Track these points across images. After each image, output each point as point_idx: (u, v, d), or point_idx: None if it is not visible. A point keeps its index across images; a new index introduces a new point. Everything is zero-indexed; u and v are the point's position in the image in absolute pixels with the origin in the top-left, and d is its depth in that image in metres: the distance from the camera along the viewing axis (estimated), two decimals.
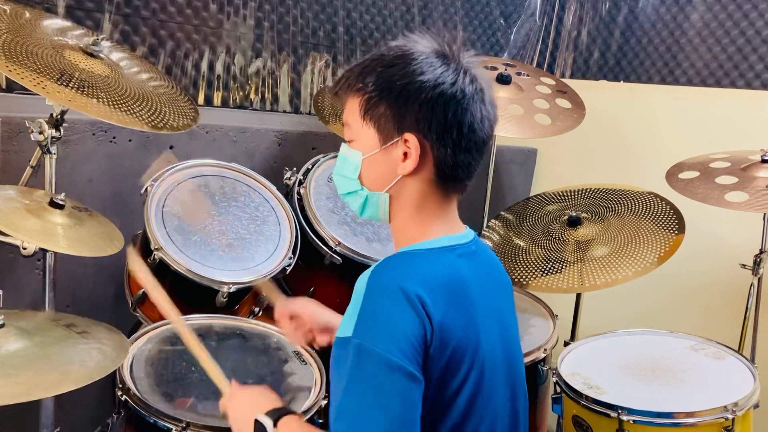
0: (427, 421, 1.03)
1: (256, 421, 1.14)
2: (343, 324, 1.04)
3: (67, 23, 1.92)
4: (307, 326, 1.47)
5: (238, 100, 2.68)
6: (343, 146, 1.19)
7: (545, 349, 2.01)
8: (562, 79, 2.89)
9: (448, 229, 1.16)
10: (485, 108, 1.12)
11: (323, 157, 2.26)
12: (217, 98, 2.63)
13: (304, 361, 1.73)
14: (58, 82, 1.61)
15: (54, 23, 1.87)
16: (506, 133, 2.41)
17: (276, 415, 1.14)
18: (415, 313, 1.00)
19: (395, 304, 1.01)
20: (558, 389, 1.81)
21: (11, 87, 2.12)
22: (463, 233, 1.19)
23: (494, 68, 2.62)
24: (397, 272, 1.06)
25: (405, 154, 1.11)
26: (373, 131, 1.12)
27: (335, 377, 1.04)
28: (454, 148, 1.10)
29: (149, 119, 1.76)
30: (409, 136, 1.09)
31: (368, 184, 1.16)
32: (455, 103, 1.08)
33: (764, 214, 2.09)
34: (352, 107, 1.14)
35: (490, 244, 2.37)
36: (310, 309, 1.49)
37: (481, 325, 1.10)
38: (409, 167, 1.11)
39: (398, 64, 1.10)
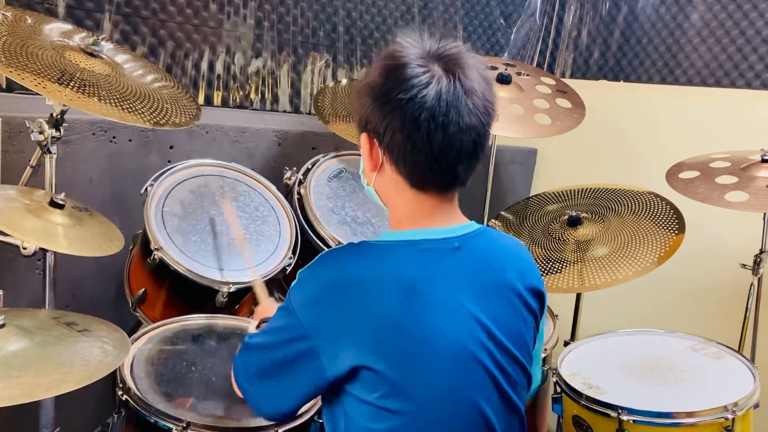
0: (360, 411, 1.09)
1: None
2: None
3: (69, 26, 1.92)
4: None
5: (238, 99, 2.68)
6: None
7: (545, 349, 2.01)
8: (562, 79, 2.89)
9: (426, 225, 1.17)
10: (440, 110, 1.09)
11: (323, 157, 2.26)
12: (217, 98, 2.63)
13: None
14: (59, 82, 1.62)
15: (56, 27, 1.88)
16: (506, 133, 2.40)
17: None
18: (332, 279, 1.13)
19: (322, 272, 1.14)
20: (558, 389, 1.81)
21: (11, 87, 2.12)
22: (447, 228, 1.18)
23: (494, 68, 2.62)
24: (342, 253, 1.17)
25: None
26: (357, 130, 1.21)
27: None
28: (395, 149, 1.13)
29: (151, 116, 1.76)
30: (363, 136, 1.17)
31: (366, 178, 1.23)
32: (391, 104, 1.10)
33: (764, 214, 2.09)
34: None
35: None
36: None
37: (429, 321, 1.09)
38: (369, 164, 1.18)
39: (373, 66, 1.16)
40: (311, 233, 2.06)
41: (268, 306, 1.54)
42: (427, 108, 1.09)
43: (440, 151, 1.12)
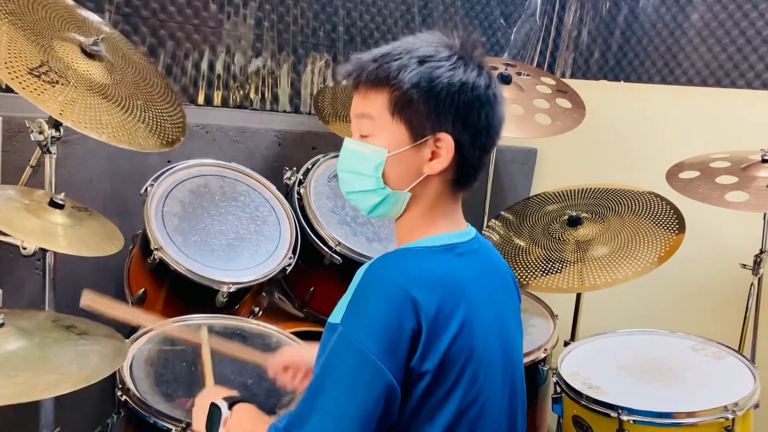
0: (418, 420, 1.04)
1: (212, 404, 1.17)
2: (336, 310, 1.06)
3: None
4: (303, 370, 1.44)
5: (238, 99, 2.68)
6: (352, 141, 1.15)
7: (545, 349, 2.01)
8: (562, 79, 2.89)
9: (451, 227, 1.16)
10: (502, 110, 1.14)
11: (323, 156, 2.26)
12: (217, 98, 2.63)
13: None
14: (51, 84, 1.60)
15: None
16: (506, 133, 2.36)
17: (232, 400, 1.18)
18: (404, 312, 1.01)
19: (385, 300, 1.01)
20: (558, 389, 1.81)
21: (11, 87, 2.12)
22: (465, 230, 1.19)
23: (494, 68, 2.61)
24: (394, 268, 1.06)
25: (433, 153, 1.10)
26: (403, 128, 1.09)
27: (318, 359, 1.06)
28: (481, 149, 1.12)
29: (130, 136, 1.73)
30: (443, 135, 1.08)
31: (391, 182, 1.12)
32: (489, 106, 1.10)
33: (764, 214, 2.09)
34: (377, 101, 1.11)
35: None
36: (300, 354, 1.46)
37: (477, 325, 1.10)
38: (437, 167, 1.10)
39: (430, 61, 1.08)
40: (311, 233, 2.06)
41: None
42: (497, 104, 1.12)
43: (492, 146, 1.15)
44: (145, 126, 1.80)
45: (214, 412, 1.17)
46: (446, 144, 1.08)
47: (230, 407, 1.17)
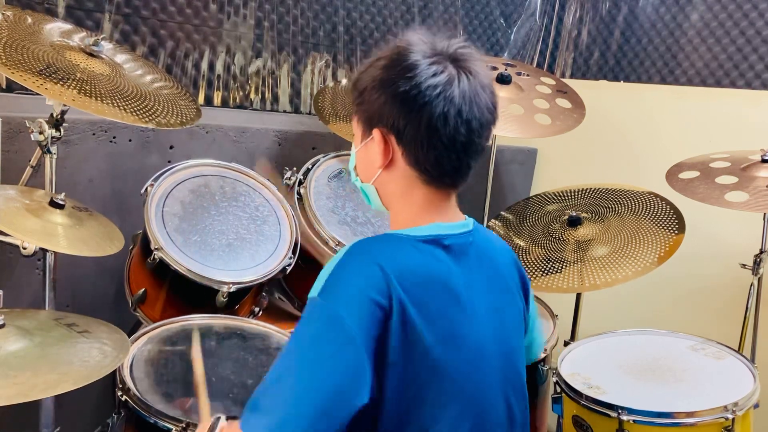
0: (398, 413, 1.05)
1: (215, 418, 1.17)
2: (314, 285, 1.08)
3: (69, 26, 1.92)
4: None
5: (238, 100, 2.68)
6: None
7: (545, 349, 2.01)
8: (562, 79, 2.89)
9: (442, 219, 1.17)
10: (465, 106, 1.11)
11: (323, 157, 2.26)
12: (217, 98, 2.63)
13: None
14: (59, 83, 1.61)
15: (56, 27, 1.87)
16: (506, 133, 2.40)
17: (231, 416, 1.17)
18: (378, 289, 1.03)
19: (361, 274, 1.05)
20: (558, 389, 1.81)
21: (11, 87, 2.12)
22: (459, 223, 1.20)
23: (494, 68, 2.62)
24: (374, 248, 1.11)
25: (383, 149, 1.15)
26: (361, 126, 1.19)
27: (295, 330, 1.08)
28: (419, 144, 1.12)
29: (150, 116, 1.77)
30: (375, 132, 1.15)
31: (360, 176, 1.23)
32: (417, 101, 1.10)
33: (764, 214, 2.09)
34: (353, 103, 1.21)
35: None
36: None
37: (462, 319, 1.10)
38: (379, 161, 1.16)
39: (378, 63, 1.14)
40: (311, 233, 2.06)
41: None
42: (455, 104, 1.11)
43: (462, 146, 1.13)
44: (161, 108, 1.85)
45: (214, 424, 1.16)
46: (377, 139, 1.14)
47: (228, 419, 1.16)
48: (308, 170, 2.20)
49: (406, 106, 1.10)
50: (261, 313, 2.06)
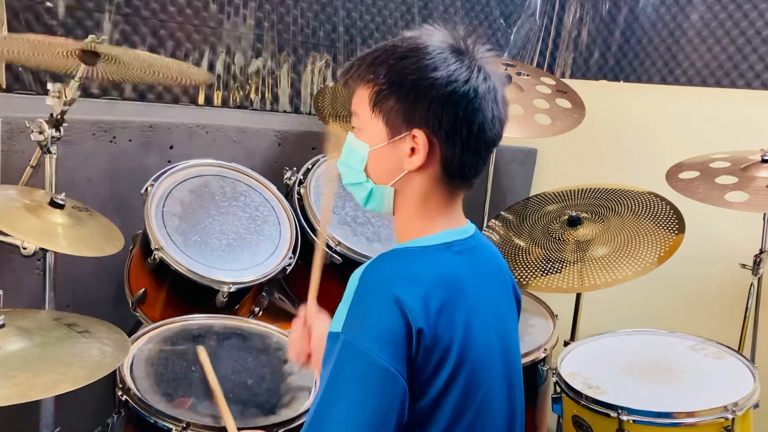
0: (416, 420, 1.03)
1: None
2: (335, 318, 1.05)
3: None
4: (308, 344, 1.40)
5: (238, 99, 2.68)
6: (350, 135, 1.17)
7: (545, 349, 2.01)
8: (562, 79, 2.89)
9: (449, 225, 1.15)
10: (497, 107, 1.11)
11: (323, 156, 2.26)
12: (217, 98, 2.63)
13: None
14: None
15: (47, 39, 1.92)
16: (506, 133, 2.38)
17: None
18: (400, 315, 1.00)
19: (382, 305, 1.01)
20: (558, 389, 1.81)
21: (11, 87, 2.12)
22: (464, 228, 1.18)
23: None
24: (388, 272, 1.06)
25: (412, 150, 1.09)
26: (381, 124, 1.10)
27: (324, 369, 1.05)
28: (462, 147, 1.08)
29: (178, 74, 1.95)
30: (417, 132, 1.08)
31: (374, 177, 1.14)
32: (467, 101, 1.07)
33: (764, 214, 2.09)
34: (362, 97, 1.12)
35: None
36: (319, 332, 1.38)
37: (475, 324, 1.09)
38: (415, 163, 1.09)
39: (411, 57, 1.07)
40: (311, 233, 2.06)
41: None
42: (498, 106, 1.10)
43: (491, 143, 1.12)
44: (177, 71, 1.93)
45: None
46: (421, 141, 1.08)
47: None
48: (308, 170, 2.20)
49: (459, 108, 1.06)
50: (261, 313, 2.06)
